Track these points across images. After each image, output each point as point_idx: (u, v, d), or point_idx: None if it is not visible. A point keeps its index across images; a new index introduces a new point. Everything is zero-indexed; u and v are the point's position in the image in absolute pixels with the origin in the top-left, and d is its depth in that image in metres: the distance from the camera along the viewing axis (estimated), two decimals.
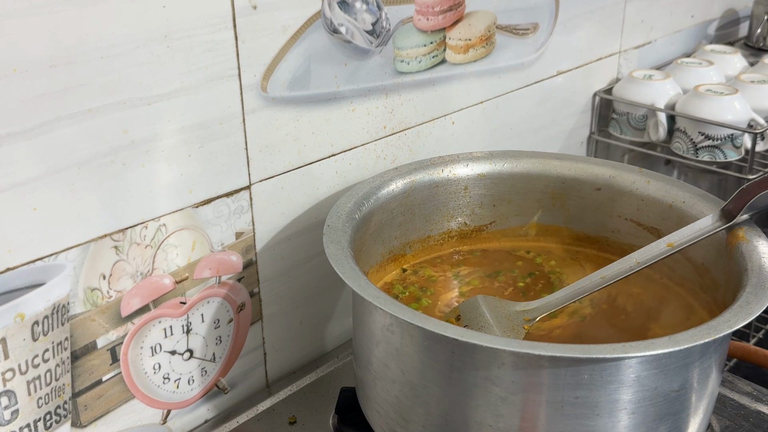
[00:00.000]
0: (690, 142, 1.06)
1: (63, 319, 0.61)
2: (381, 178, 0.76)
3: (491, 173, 0.81)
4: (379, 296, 0.58)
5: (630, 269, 0.67)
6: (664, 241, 0.68)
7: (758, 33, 1.37)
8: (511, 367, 0.55)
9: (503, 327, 0.66)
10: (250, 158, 0.71)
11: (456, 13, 0.85)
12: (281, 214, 0.75)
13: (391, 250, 0.78)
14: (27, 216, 0.57)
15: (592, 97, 1.13)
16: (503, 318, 0.67)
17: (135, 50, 0.60)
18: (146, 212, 0.65)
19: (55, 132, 0.57)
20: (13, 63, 0.54)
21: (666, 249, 0.67)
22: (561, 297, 0.68)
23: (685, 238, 0.68)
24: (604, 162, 0.80)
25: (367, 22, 0.76)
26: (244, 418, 0.75)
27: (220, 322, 0.74)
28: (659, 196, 0.75)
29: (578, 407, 0.56)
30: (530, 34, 0.96)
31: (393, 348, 0.61)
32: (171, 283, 0.68)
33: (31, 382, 0.61)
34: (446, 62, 0.86)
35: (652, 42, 1.21)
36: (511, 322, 0.67)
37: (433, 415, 0.60)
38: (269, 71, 0.70)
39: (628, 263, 0.68)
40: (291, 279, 0.79)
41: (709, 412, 0.64)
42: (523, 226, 0.83)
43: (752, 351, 0.73)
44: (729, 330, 0.55)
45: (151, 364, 0.69)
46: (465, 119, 0.92)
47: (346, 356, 0.83)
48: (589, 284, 0.68)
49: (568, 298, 0.68)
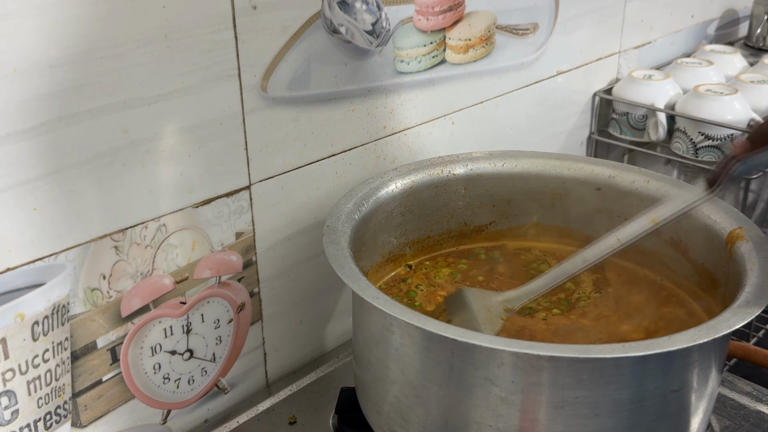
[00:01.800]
0: (690, 142, 1.06)
1: (63, 319, 0.61)
2: (381, 178, 0.76)
3: (491, 173, 0.81)
4: (378, 296, 0.58)
5: (611, 247, 0.65)
6: (647, 216, 0.65)
7: (758, 33, 1.36)
8: (511, 367, 0.55)
9: (483, 318, 0.65)
10: (250, 158, 0.71)
11: (456, 13, 0.85)
12: (281, 214, 0.75)
13: (390, 251, 0.78)
14: (27, 216, 0.57)
15: (592, 97, 1.13)
16: (483, 309, 0.66)
17: (135, 50, 0.60)
18: (146, 212, 0.65)
19: (55, 132, 0.57)
20: (13, 63, 0.54)
21: (649, 225, 0.65)
22: (541, 283, 0.67)
23: (669, 212, 0.65)
24: (604, 162, 0.80)
25: (367, 22, 0.76)
26: (244, 418, 0.75)
27: (220, 322, 0.74)
28: (659, 196, 0.75)
29: (578, 407, 0.56)
30: (530, 34, 0.96)
31: (393, 348, 0.61)
32: (171, 283, 0.68)
33: (31, 382, 0.61)
34: (446, 62, 0.86)
35: (652, 42, 1.21)
36: (490, 313, 0.66)
37: (433, 415, 0.60)
38: (269, 71, 0.70)
39: (609, 242, 0.65)
40: (291, 279, 0.79)
41: (709, 412, 0.64)
42: (523, 226, 0.83)
43: (752, 351, 0.73)
44: (729, 330, 0.55)
45: (151, 364, 0.69)
46: (465, 119, 0.92)
47: (346, 356, 0.83)
48: (570, 267, 0.66)
49: (548, 283, 0.66)
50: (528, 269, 0.79)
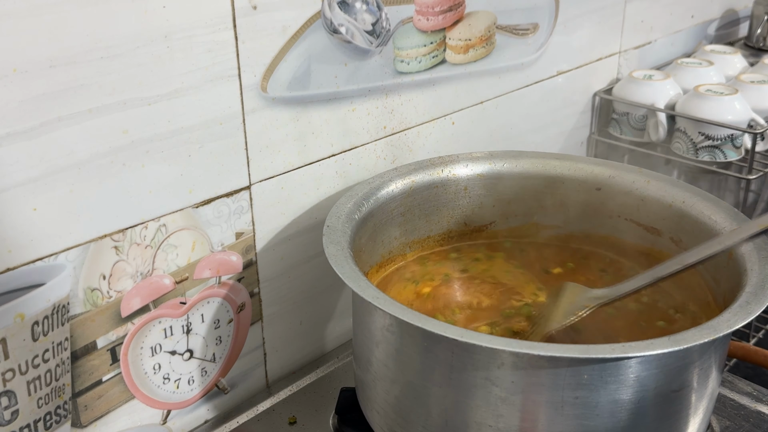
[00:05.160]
0: (690, 142, 1.06)
1: (63, 319, 0.61)
2: (381, 178, 0.76)
3: (491, 173, 0.81)
4: (378, 296, 0.58)
5: (712, 249, 0.65)
6: (756, 222, 0.66)
7: (758, 33, 1.36)
8: (511, 367, 0.55)
9: (563, 310, 0.67)
10: (250, 158, 0.71)
11: (456, 13, 0.85)
12: (281, 214, 0.75)
13: (391, 251, 0.78)
14: (27, 216, 0.57)
15: (592, 97, 1.13)
16: (568, 303, 0.68)
17: (135, 50, 0.60)
18: (146, 212, 0.65)
19: (55, 132, 0.57)
20: (13, 63, 0.54)
21: (757, 229, 0.65)
22: (631, 284, 0.67)
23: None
24: (604, 162, 0.80)
25: (367, 22, 0.76)
26: (244, 418, 0.75)
27: (220, 323, 0.74)
28: (659, 196, 0.75)
29: (578, 407, 0.56)
30: (530, 34, 0.96)
31: (393, 348, 0.61)
32: (171, 283, 0.68)
33: (31, 383, 0.61)
34: (446, 62, 0.86)
35: (652, 42, 1.21)
36: (572, 306, 0.67)
37: (433, 415, 0.60)
38: (269, 71, 0.70)
39: (710, 244, 0.66)
40: (291, 279, 0.79)
41: (709, 412, 0.64)
42: (523, 226, 0.83)
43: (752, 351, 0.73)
44: (729, 330, 0.55)
45: (151, 364, 0.69)
46: (465, 119, 0.92)
47: (346, 356, 0.83)
48: (663, 269, 0.66)
49: (638, 284, 0.67)
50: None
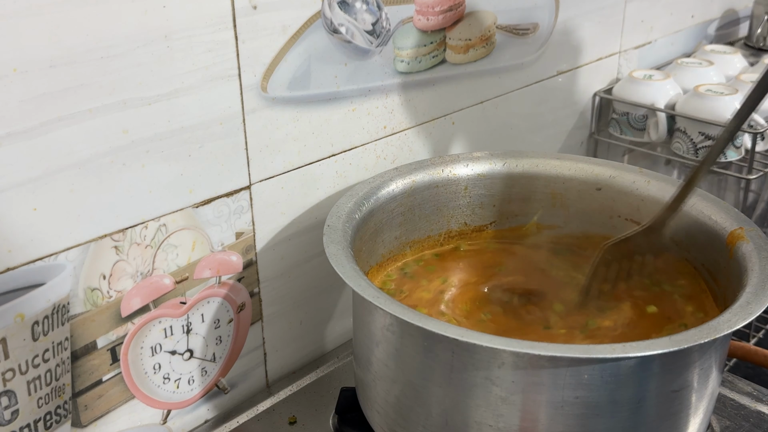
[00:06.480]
0: (690, 142, 1.06)
1: (63, 319, 0.61)
2: (381, 178, 0.76)
3: (491, 173, 0.81)
4: (379, 296, 0.58)
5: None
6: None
7: (758, 33, 1.36)
8: (511, 367, 0.55)
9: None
10: (250, 158, 0.71)
11: (456, 13, 0.85)
12: (281, 214, 0.75)
13: (391, 250, 0.78)
14: (27, 216, 0.57)
15: (592, 97, 1.13)
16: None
17: (135, 50, 0.60)
18: (146, 212, 0.65)
19: (55, 132, 0.57)
20: (13, 63, 0.54)
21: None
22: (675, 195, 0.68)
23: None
24: (604, 162, 0.80)
25: (367, 22, 0.76)
26: (244, 418, 0.75)
27: (220, 322, 0.74)
28: (659, 196, 0.75)
29: (578, 407, 0.56)
30: (530, 34, 0.96)
31: (393, 348, 0.61)
32: (171, 283, 0.68)
33: (31, 382, 0.61)
34: (446, 62, 0.86)
35: (652, 42, 1.21)
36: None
37: (433, 415, 0.60)
38: (269, 71, 0.70)
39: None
40: (291, 279, 0.79)
41: (709, 412, 0.64)
42: (523, 226, 0.83)
43: (752, 351, 0.73)
44: (729, 330, 0.55)
45: (151, 364, 0.69)
46: (465, 119, 0.92)
47: (346, 356, 0.83)
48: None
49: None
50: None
